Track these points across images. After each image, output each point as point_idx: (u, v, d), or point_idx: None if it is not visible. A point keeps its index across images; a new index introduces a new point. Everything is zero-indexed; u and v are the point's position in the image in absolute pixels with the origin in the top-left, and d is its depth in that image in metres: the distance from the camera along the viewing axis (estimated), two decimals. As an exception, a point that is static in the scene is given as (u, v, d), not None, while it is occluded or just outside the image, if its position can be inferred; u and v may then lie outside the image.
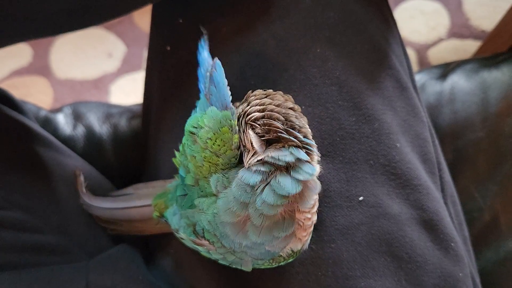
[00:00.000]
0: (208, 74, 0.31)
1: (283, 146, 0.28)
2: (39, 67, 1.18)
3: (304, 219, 0.31)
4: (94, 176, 0.51)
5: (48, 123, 0.59)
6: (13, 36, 0.42)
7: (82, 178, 0.46)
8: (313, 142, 0.30)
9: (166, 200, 0.38)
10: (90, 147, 0.58)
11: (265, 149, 0.29)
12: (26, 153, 0.45)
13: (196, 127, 0.30)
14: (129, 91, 1.15)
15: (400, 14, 1.17)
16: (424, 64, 1.13)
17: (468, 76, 0.61)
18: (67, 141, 0.57)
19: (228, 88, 0.31)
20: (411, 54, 1.11)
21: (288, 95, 0.32)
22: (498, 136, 0.54)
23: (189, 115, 0.33)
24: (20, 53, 1.19)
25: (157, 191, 0.41)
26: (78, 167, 0.48)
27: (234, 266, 0.33)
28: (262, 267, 0.34)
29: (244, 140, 0.29)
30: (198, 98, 0.43)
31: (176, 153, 0.35)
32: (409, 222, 0.39)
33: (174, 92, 0.47)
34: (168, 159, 0.46)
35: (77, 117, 0.61)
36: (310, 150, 0.29)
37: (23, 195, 0.43)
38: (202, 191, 0.31)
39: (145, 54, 1.18)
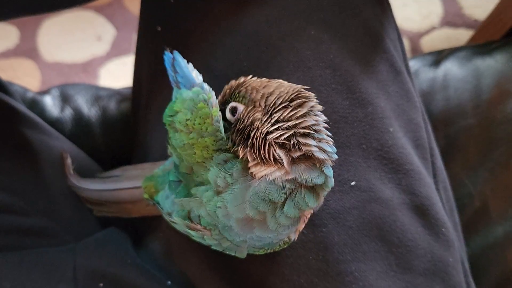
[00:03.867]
0: (171, 66, 0.32)
1: (314, 164, 0.28)
2: (26, 50, 1.15)
3: (307, 213, 0.31)
4: (82, 158, 0.50)
5: (35, 105, 0.58)
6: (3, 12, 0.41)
7: (69, 160, 0.45)
8: (335, 149, 0.30)
9: (156, 184, 0.38)
10: (78, 130, 0.57)
11: (292, 164, 0.28)
12: (12, 135, 0.44)
13: (172, 115, 0.30)
14: (119, 75, 1.13)
15: (393, 1, 1.16)
16: (416, 52, 1.13)
17: (461, 63, 0.61)
18: (55, 123, 0.56)
19: (192, 67, 0.31)
20: (404, 42, 1.11)
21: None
22: (489, 123, 0.54)
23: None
24: (7, 34, 1.16)
25: (146, 173, 0.40)
26: (65, 149, 0.47)
27: (227, 252, 0.33)
28: (257, 253, 0.33)
29: (264, 154, 0.28)
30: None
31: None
32: (400, 207, 0.39)
33: (164, 74, 0.46)
34: (158, 142, 0.45)
35: (65, 99, 0.59)
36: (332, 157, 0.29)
37: (9, 177, 0.42)
38: (197, 177, 0.30)
39: (135, 37, 1.16)
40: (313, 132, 0.28)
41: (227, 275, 0.39)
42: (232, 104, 0.31)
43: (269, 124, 0.28)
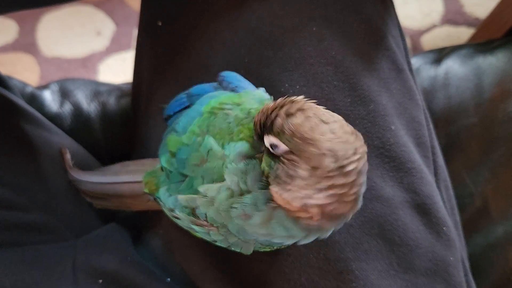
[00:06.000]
0: (216, 84, 0.37)
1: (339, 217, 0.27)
2: (25, 44, 1.15)
3: None
4: (82, 154, 0.50)
5: (34, 100, 0.58)
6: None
7: (68, 155, 0.45)
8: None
9: (158, 180, 0.37)
10: (78, 125, 0.56)
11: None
12: (11, 129, 0.44)
13: (228, 104, 0.33)
14: (118, 71, 1.13)
15: (394, -1, 1.16)
16: (417, 50, 1.13)
17: (462, 61, 0.60)
18: (54, 118, 0.56)
19: None
20: (405, 39, 1.10)
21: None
22: (491, 122, 0.54)
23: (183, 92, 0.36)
24: (5, 29, 1.16)
25: (146, 169, 0.40)
26: (64, 144, 0.46)
27: (233, 249, 0.32)
28: (262, 250, 0.33)
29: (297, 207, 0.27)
30: (192, 75, 0.43)
31: (175, 136, 0.35)
32: (402, 206, 0.39)
33: (165, 69, 0.45)
34: (159, 138, 0.45)
35: (64, 94, 0.59)
36: None
37: (8, 172, 0.42)
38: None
39: (135, 33, 1.16)
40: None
41: (228, 273, 0.39)
42: (273, 140, 0.26)
43: (316, 190, 0.25)
